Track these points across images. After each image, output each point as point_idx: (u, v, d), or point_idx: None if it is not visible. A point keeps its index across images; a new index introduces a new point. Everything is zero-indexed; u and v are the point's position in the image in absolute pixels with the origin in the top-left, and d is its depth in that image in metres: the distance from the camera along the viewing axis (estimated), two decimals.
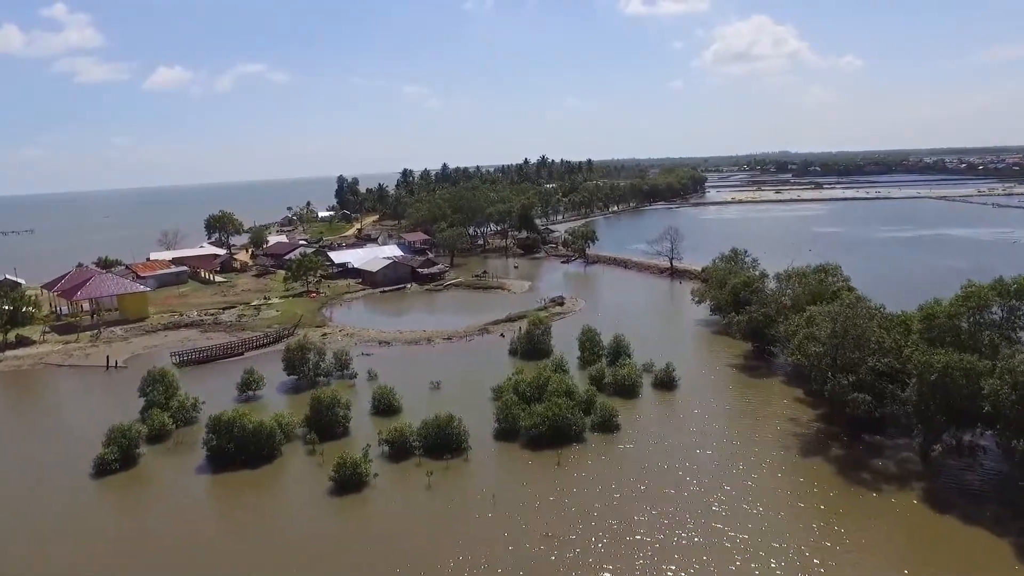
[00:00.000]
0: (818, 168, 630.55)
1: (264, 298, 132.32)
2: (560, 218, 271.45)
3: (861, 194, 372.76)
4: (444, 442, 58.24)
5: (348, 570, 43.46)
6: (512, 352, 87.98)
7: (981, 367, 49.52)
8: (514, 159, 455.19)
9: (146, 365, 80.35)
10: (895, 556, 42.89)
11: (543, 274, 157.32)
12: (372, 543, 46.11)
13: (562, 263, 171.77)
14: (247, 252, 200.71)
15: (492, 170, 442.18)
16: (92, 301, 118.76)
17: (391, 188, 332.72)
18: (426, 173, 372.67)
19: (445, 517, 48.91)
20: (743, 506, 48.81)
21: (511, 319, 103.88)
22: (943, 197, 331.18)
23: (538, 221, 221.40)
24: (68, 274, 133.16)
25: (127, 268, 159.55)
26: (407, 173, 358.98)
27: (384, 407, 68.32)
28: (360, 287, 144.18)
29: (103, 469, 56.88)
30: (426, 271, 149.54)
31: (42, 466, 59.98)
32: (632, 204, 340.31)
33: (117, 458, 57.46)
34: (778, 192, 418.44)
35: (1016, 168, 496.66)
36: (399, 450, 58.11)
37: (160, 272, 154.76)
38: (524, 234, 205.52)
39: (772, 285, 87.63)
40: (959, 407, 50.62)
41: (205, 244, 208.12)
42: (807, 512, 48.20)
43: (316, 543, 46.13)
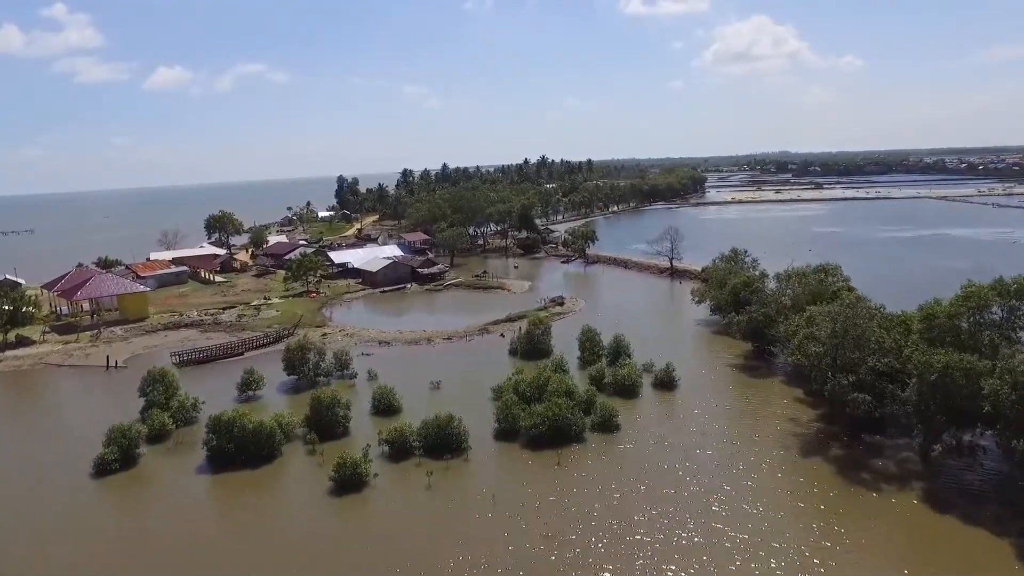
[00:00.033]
0: (818, 168, 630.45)
1: (264, 298, 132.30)
2: (560, 218, 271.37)
3: (861, 194, 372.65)
4: (444, 442, 58.25)
5: (348, 570, 43.46)
6: (512, 352, 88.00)
7: (981, 367, 49.53)
8: (514, 159, 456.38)
9: (146, 365, 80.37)
10: (895, 556, 42.89)
11: (543, 274, 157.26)
12: (372, 543, 46.11)
13: (562, 263, 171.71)
14: (247, 252, 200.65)
15: (492, 170, 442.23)
16: (92, 301, 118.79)
17: (391, 188, 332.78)
18: (426, 173, 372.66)
19: (445, 517, 48.90)
20: (743, 506, 48.81)
21: (511, 319, 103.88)
22: (943, 197, 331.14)
23: (538, 221, 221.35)
24: (68, 274, 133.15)
25: (127, 268, 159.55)
26: (407, 173, 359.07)
27: (384, 407, 68.33)
28: (360, 287, 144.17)
29: (103, 469, 56.92)
30: (426, 271, 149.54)
31: (42, 466, 59.97)
32: (632, 204, 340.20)
33: (117, 458, 57.50)
34: (778, 192, 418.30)
35: (1016, 168, 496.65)
36: (399, 450, 58.12)
37: (160, 272, 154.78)
38: (524, 234, 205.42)
39: (772, 285, 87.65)
40: (959, 407, 50.63)
41: (205, 244, 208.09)
42: (807, 512, 48.20)
43: (316, 543, 46.13)
